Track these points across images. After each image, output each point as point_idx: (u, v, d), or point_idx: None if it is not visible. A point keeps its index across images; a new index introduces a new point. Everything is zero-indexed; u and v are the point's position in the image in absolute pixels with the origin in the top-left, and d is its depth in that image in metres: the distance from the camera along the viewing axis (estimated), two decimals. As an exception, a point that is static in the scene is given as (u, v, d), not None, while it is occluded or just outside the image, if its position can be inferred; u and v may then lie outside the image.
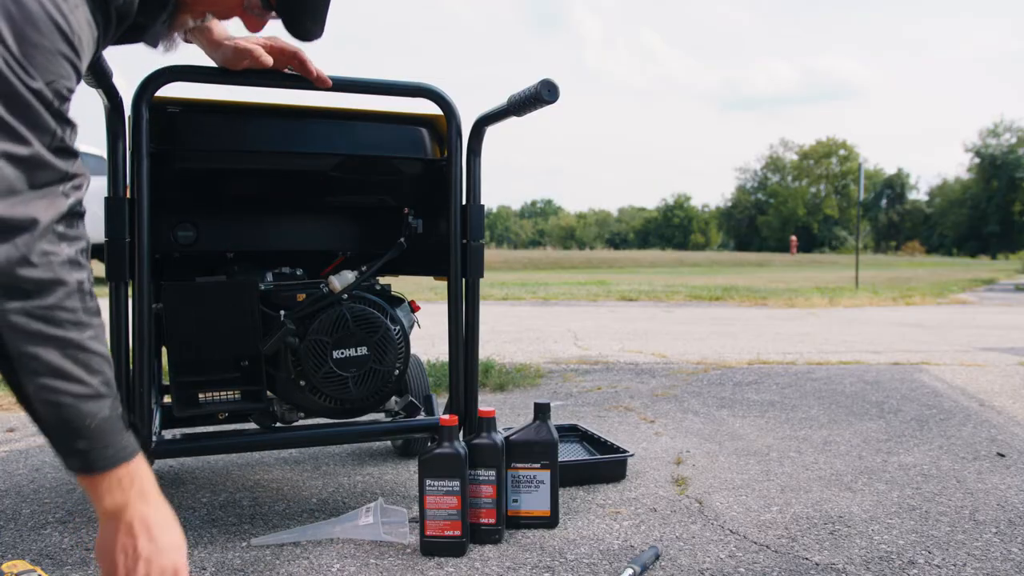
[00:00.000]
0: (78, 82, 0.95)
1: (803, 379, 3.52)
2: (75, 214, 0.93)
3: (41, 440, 2.41)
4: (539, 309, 7.78)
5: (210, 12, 1.30)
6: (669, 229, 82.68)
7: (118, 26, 1.07)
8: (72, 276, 0.90)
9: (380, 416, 1.91)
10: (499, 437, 1.59)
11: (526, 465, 1.65)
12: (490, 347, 4.56)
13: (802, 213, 67.35)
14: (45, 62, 0.87)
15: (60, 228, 0.89)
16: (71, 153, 0.92)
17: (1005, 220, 55.52)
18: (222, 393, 1.62)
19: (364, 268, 1.75)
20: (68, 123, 0.91)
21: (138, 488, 0.98)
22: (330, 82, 1.54)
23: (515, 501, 1.64)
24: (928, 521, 1.69)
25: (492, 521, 1.56)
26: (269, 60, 1.49)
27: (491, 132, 1.76)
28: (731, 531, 1.63)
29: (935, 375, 3.62)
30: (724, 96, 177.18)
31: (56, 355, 0.89)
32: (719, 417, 2.76)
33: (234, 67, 1.48)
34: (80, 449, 0.92)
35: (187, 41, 1.54)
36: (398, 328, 1.73)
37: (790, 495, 1.87)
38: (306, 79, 1.53)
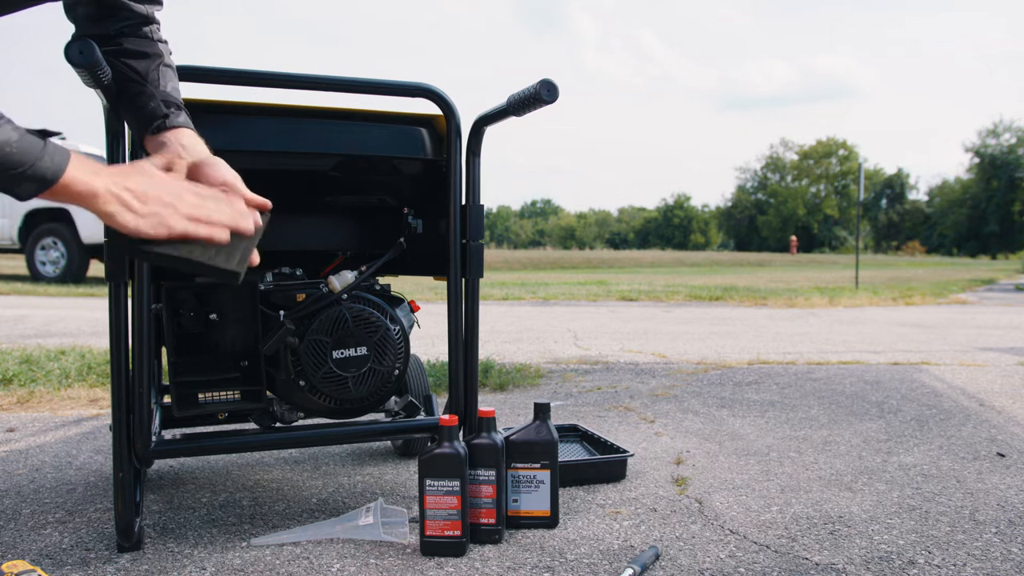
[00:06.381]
0: None
1: (803, 379, 3.52)
2: None
3: (41, 440, 2.41)
4: (539, 309, 7.78)
5: None
6: (669, 229, 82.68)
7: None
8: None
9: (380, 416, 1.91)
10: (499, 437, 1.59)
11: (526, 465, 1.65)
12: (490, 347, 4.56)
13: (802, 213, 67.36)
14: None
15: None
16: None
17: (1005, 220, 55.51)
18: (222, 393, 1.62)
19: (364, 268, 1.75)
20: None
21: (106, 174, 1.02)
22: (269, 204, 1.21)
23: (515, 501, 1.64)
24: (928, 521, 1.69)
25: (492, 521, 1.56)
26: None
27: (491, 132, 1.76)
28: (731, 531, 1.63)
29: (935, 375, 3.62)
30: (723, 96, 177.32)
31: None
32: (719, 417, 2.76)
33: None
34: (20, 174, 0.97)
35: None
36: (398, 328, 1.73)
37: (790, 495, 1.87)
38: (304, 86, 1.51)
